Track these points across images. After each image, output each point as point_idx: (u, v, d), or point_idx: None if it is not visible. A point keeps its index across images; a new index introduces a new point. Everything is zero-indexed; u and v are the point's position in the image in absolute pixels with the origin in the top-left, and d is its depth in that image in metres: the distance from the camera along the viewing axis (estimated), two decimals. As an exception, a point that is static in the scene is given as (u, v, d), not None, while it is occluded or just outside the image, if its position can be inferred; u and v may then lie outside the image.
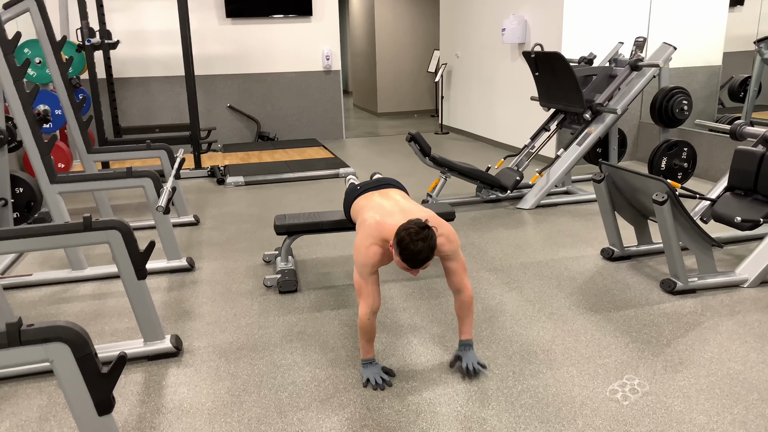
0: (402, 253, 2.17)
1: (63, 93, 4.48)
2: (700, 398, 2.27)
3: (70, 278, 3.58)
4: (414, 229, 2.15)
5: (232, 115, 8.34)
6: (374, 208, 2.47)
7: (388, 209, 2.43)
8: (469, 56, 8.31)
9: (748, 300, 3.09)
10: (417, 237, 2.14)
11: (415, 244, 2.14)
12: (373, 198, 2.58)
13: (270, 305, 3.19)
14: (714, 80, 6.20)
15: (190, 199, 5.51)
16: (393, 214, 2.38)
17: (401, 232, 2.17)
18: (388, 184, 2.72)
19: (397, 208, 2.43)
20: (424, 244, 2.14)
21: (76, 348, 1.71)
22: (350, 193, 2.76)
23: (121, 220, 2.49)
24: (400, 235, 2.17)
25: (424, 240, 2.14)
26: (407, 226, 2.18)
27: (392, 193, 2.61)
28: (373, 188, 2.68)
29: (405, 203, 2.49)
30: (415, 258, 2.16)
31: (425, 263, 2.19)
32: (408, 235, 2.15)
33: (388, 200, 2.53)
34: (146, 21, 7.75)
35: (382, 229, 2.31)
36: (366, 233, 2.34)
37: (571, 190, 5.30)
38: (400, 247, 2.17)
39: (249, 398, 2.36)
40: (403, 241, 2.15)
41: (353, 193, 2.72)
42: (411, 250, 2.14)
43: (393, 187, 2.70)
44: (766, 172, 3.23)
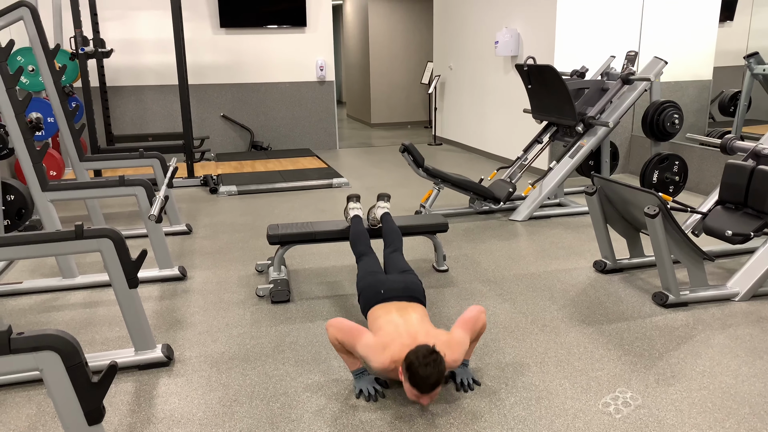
0: (411, 378, 2.14)
1: (56, 101, 4.46)
2: (692, 412, 2.27)
3: (61, 286, 3.55)
4: (422, 352, 2.14)
5: (226, 124, 8.34)
6: (392, 327, 2.40)
7: (405, 332, 2.36)
8: (463, 68, 8.36)
9: (739, 313, 3.10)
10: (425, 361, 2.12)
11: (424, 370, 2.11)
12: (391, 313, 2.50)
13: (262, 315, 3.17)
14: (704, 94, 6.27)
15: (183, 208, 5.49)
16: (410, 338, 2.33)
17: (410, 356, 2.15)
18: (411, 296, 2.64)
19: (412, 332, 2.37)
20: (432, 369, 2.12)
21: (66, 357, 1.69)
22: (372, 291, 2.67)
23: (112, 229, 2.47)
24: (409, 359, 2.15)
25: (433, 365, 2.12)
26: (416, 351, 2.16)
27: (410, 311, 2.53)
28: (395, 298, 2.60)
29: (419, 327, 2.42)
30: (425, 383, 2.13)
31: (435, 388, 2.17)
32: (416, 359, 2.13)
33: (404, 320, 2.45)
34: (140, 30, 7.75)
35: (401, 355, 2.25)
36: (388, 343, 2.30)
37: (563, 202, 5.32)
38: (409, 372, 2.14)
39: (240, 409, 2.34)
40: (412, 365, 2.13)
41: (375, 296, 2.64)
42: (420, 375, 2.12)
43: (415, 301, 2.63)
44: (756, 186, 3.26)
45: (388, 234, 3.25)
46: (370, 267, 2.87)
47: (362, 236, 3.20)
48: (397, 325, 2.41)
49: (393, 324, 2.42)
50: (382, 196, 3.58)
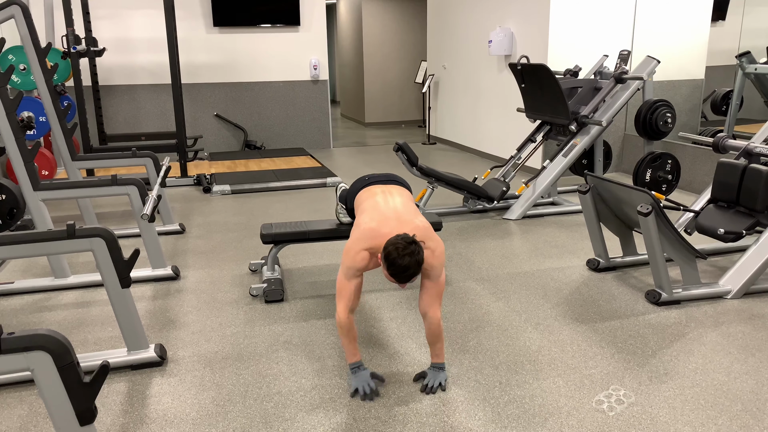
0: (389, 267, 2.19)
1: (47, 100, 4.44)
2: (685, 409, 2.28)
3: (53, 286, 3.53)
4: (401, 245, 2.17)
5: (219, 123, 8.32)
6: (372, 210, 2.47)
7: (384, 213, 2.42)
8: (456, 67, 8.37)
9: (731, 311, 3.12)
10: (404, 252, 2.16)
11: (402, 260, 2.16)
12: (376, 196, 2.57)
13: (256, 314, 3.17)
14: (697, 93, 6.29)
15: (176, 208, 5.47)
16: (388, 220, 2.37)
17: (389, 247, 2.19)
18: (394, 180, 2.73)
19: (393, 215, 2.41)
20: (410, 260, 2.16)
21: (57, 357, 1.68)
22: (356, 182, 2.76)
23: (105, 228, 2.46)
24: (388, 250, 2.19)
25: (411, 255, 2.16)
26: (395, 241, 2.19)
27: (395, 193, 2.60)
28: (379, 182, 2.68)
29: (402, 209, 2.47)
30: (401, 273, 2.18)
31: (412, 278, 2.22)
32: (395, 250, 2.17)
33: (387, 202, 2.52)
34: (133, 29, 7.72)
35: (375, 238, 2.31)
36: (359, 237, 2.35)
37: (556, 201, 5.33)
38: (387, 262, 2.19)
39: (234, 408, 2.33)
40: (390, 255, 2.17)
41: (359, 183, 2.73)
42: (398, 265, 2.16)
43: (397, 184, 2.71)
44: (748, 184, 3.28)
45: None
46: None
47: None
48: (378, 203, 2.47)
49: (374, 202, 2.49)
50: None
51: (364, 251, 2.31)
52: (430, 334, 2.40)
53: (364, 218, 2.44)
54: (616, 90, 4.97)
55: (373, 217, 2.41)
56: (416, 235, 2.27)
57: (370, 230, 2.34)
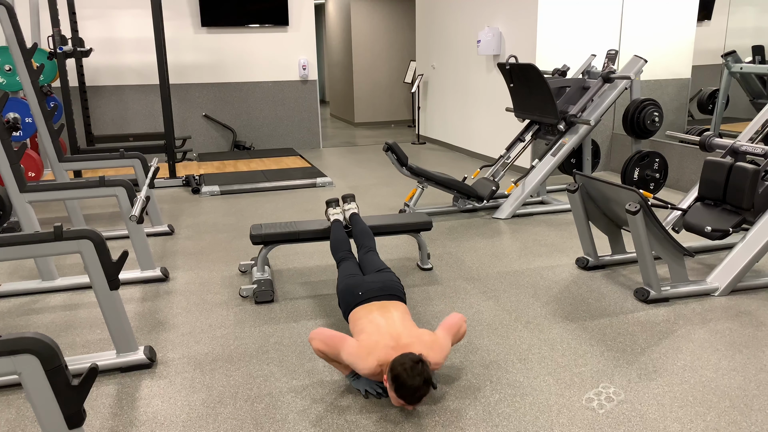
0: (399, 390, 2.14)
1: (33, 101, 4.40)
2: (674, 406, 2.29)
3: (41, 289, 3.50)
4: (408, 365, 2.13)
5: (208, 124, 8.28)
6: (374, 328, 2.39)
7: (386, 333, 2.35)
8: (445, 67, 8.38)
9: (719, 308, 3.14)
10: (413, 372, 2.12)
11: (413, 380, 2.11)
12: (372, 313, 2.49)
13: (246, 316, 3.16)
14: (683, 93, 6.35)
15: (165, 209, 5.44)
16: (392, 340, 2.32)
17: (396, 368, 2.14)
18: (390, 294, 2.63)
19: (394, 333, 2.36)
20: (420, 379, 2.12)
21: (45, 360, 1.66)
22: (352, 295, 2.65)
23: (93, 230, 2.44)
24: (396, 372, 2.14)
25: (420, 375, 2.12)
26: (402, 362, 2.15)
27: (392, 310, 2.52)
28: (375, 298, 2.60)
29: (401, 327, 2.41)
30: (413, 395, 2.15)
31: (422, 398, 2.18)
32: (404, 371, 2.12)
33: (386, 320, 2.44)
34: (120, 29, 7.66)
35: (388, 355, 2.25)
36: (371, 346, 2.28)
37: (546, 200, 5.36)
38: (396, 384, 2.14)
39: (224, 410, 2.32)
40: (399, 378, 2.12)
41: (354, 298, 2.62)
42: (408, 386, 2.12)
43: (394, 299, 2.62)
44: (734, 182, 3.31)
45: (359, 235, 3.24)
46: (348, 270, 2.86)
47: (342, 243, 3.18)
48: (379, 326, 2.39)
49: (374, 324, 2.41)
50: (346, 198, 3.55)
51: (375, 363, 2.24)
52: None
53: (370, 333, 2.37)
54: (603, 89, 5.00)
55: (374, 333, 2.36)
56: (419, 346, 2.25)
57: (385, 346, 2.28)
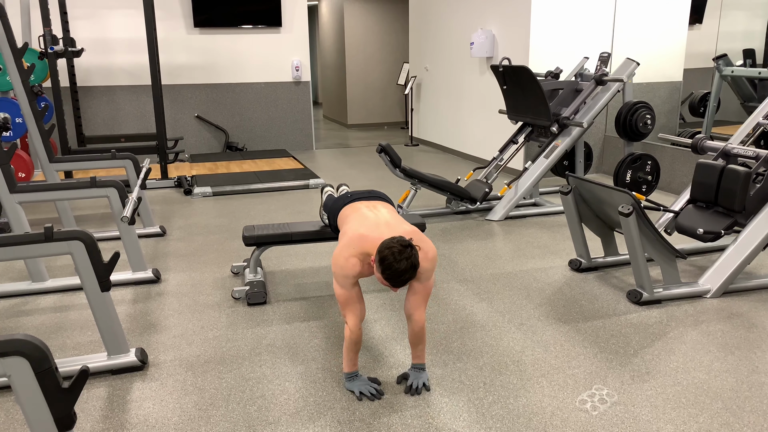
0: (384, 271, 2.13)
1: (24, 101, 4.36)
2: (667, 408, 2.30)
3: (31, 290, 3.47)
4: (397, 248, 2.11)
5: (200, 125, 8.25)
6: (359, 219, 2.42)
7: (373, 221, 2.38)
8: (438, 69, 8.39)
9: (711, 310, 3.16)
10: (400, 256, 2.10)
11: (399, 263, 2.10)
12: (360, 209, 2.52)
13: (238, 317, 3.14)
14: (675, 96, 6.38)
15: (157, 210, 5.41)
16: (377, 227, 2.33)
17: (384, 251, 2.12)
18: (377, 196, 2.68)
19: (381, 221, 2.38)
20: (407, 263, 2.11)
21: (35, 362, 1.65)
22: (339, 199, 2.69)
23: (84, 231, 2.42)
24: (383, 254, 2.12)
25: (408, 259, 2.11)
26: (390, 244, 2.13)
27: (379, 206, 2.56)
28: (362, 198, 2.63)
29: (390, 217, 2.44)
30: (398, 277, 2.13)
31: (407, 282, 2.17)
32: (391, 254, 2.10)
33: (373, 213, 2.48)
34: (112, 29, 7.62)
35: (364, 243, 2.26)
36: (346, 244, 2.29)
37: (538, 202, 5.37)
38: (382, 266, 2.13)
39: (217, 412, 2.31)
40: (386, 259, 2.11)
41: (342, 200, 2.66)
42: (394, 269, 2.11)
43: (381, 200, 2.66)
44: (726, 185, 3.32)
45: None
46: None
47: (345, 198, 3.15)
48: (366, 216, 2.40)
49: (361, 214, 2.41)
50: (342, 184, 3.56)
51: (353, 257, 2.25)
52: (413, 336, 2.39)
53: (351, 226, 2.39)
54: (596, 92, 5.01)
55: (361, 224, 2.37)
56: (411, 238, 2.23)
57: (359, 236, 2.29)
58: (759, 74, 5.60)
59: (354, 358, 2.39)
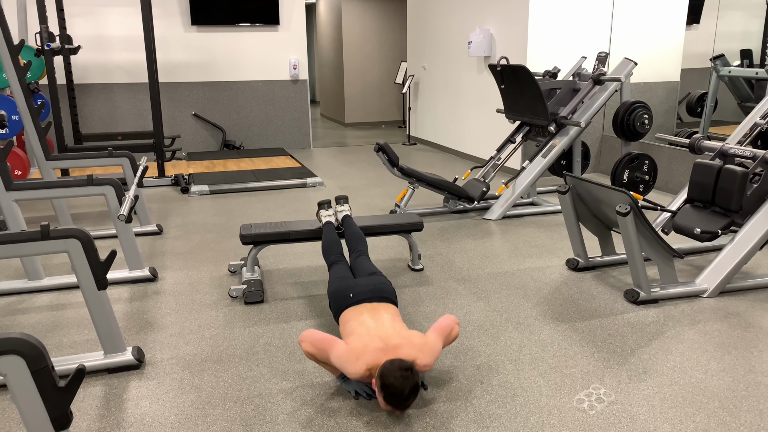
0: (387, 397, 2.15)
1: (20, 98, 4.35)
2: (664, 407, 2.30)
3: (27, 288, 3.46)
4: (398, 373, 2.13)
5: (197, 123, 8.23)
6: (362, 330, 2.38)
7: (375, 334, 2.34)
8: (436, 68, 8.39)
9: (707, 309, 3.16)
10: (402, 381, 2.12)
11: (402, 388, 2.12)
12: (363, 315, 2.48)
13: (235, 316, 3.13)
14: (672, 95, 6.39)
15: (153, 208, 5.40)
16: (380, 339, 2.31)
17: (385, 374, 2.14)
18: (381, 296, 2.62)
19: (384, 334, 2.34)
20: (408, 386, 2.13)
21: (31, 361, 1.64)
22: (342, 297, 2.63)
23: (80, 229, 2.41)
24: (384, 378, 2.14)
25: (409, 382, 2.13)
26: (391, 369, 2.14)
27: (382, 312, 2.50)
28: (366, 300, 2.58)
29: (392, 329, 2.39)
30: (401, 402, 2.15)
31: (410, 404, 2.19)
32: (393, 379, 2.12)
33: (376, 324, 2.42)
34: (109, 27, 7.60)
35: (379, 359, 2.24)
36: (360, 350, 2.26)
37: (536, 201, 5.37)
38: (384, 391, 2.14)
39: (214, 411, 2.30)
40: (388, 384, 2.13)
41: (345, 300, 2.61)
42: (397, 394, 2.13)
43: (385, 301, 2.61)
44: (723, 185, 3.33)
45: (352, 239, 3.22)
46: (340, 273, 2.85)
47: (334, 245, 3.16)
48: (369, 328, 2.38)
49: (364, 326, 2.39)
50: (339, 200, 3.54)
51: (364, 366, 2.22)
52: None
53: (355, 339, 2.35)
54: (594, 91, 5.02)
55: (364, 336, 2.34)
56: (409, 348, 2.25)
57: (378, 350, 2.26)
58: (756, 74, 5.61)
59: (327, 368, 2.40)
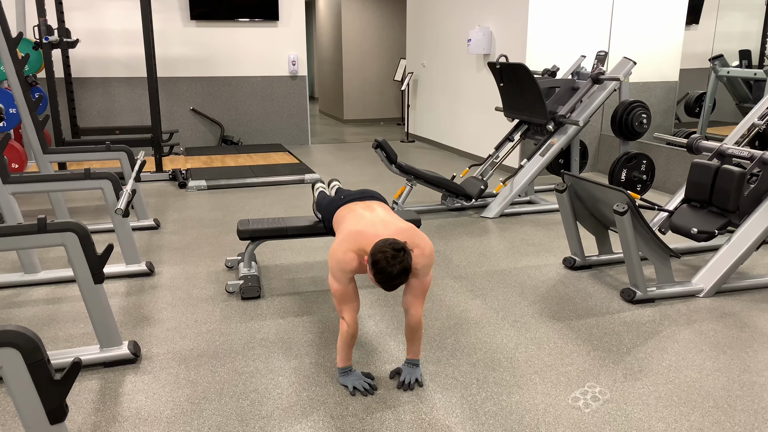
0: (377, 275, 2.15)
1: (18, 91, 4.33)
2: (659, 406, 2.31)
3: (23, 282, 3.45)
4: (390, 252, 2.12)
5: (196, 118, 8.22)
6: (355, 218, 2.44)
7: (369, 220, 2.39)
8: (435, 66, 8.38)
9: (703, 309, 3.17)
10: (393, 260, 2.12)
11: (392, 268, 2.12)
12: (356, 209, 2.54)
13: (232, 311, 3.13)
14: (671, 95, 6.40)
15: (151, 203, 5.39)
16: (374, 224, 2.35)
17: (377, 254, 2.14)
18: (372, 196, 2.68)
19: (378, 219, 2.39)
20: (399, 267, 2.12)
21: (27, 354, 1.64)
22: (333, 201, 2.69)
23: (77, 222, 2.41)
24: (376, 257, 2.14)
25: (400, 263, 2.12)
26: (383, 248, 2.14)
27: (375, 205, 2.57)
28: (357, 199, 2.63)
29: (386, 215, 2.45)
30: (390, 281, 2.15)
31: (399, 285, 2.19)
32: (384, 258, 2.12)
33: (369, 212, 2.49)
34: (107, 20, 7.58)
35: (362, 239, 2.26)
36: (343, 239, 2.30)
37: (534, 199, 5.37)
38: (375, 269, 2.15)
39: (209, 406, 2.30)
40: (379, 263, 2.13)
41: (336, 202, 2.67)
42: (387, 273, 2.12)
43: (375, 200, 2.66)
44: (720, 185, 3.33)
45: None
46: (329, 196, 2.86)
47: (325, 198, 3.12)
48: (362, 215, 2.42)
49: (357, 214, 2.43)
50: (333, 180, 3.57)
51: (350, 252, 2.25)
52: (409, 331, 2.40)
53: (348, 224, 2.40)
54: (593, 90, 5.02)
55: (358, 222, 2.38)
56: (404, 238, 2.24)
57: (357, 232, 2.30)
58: (754, 75, 5.62)
59: (348, 353, 2.39)
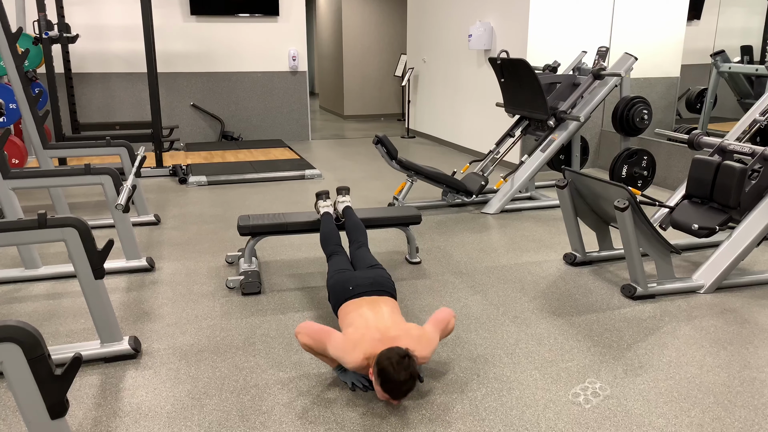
0: (384, 384, 2.13)
1: (18, 86, 4.32)
2: (659, 402, 2.31)
3: (23, 277, 3.45)
4: (395, 359, 2.12)
5: (196, 113, 8.21)
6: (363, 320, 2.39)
7: (374, 325, 2.35)
8: (436, 61, 8.36)
9: (704, 305, 3.17)
10: (399, 367, 2.10)
11: (398, 375, 2.10)
12: (362, 308, 2.48)
13: (232, 307, 3.13)
14: (672, 91, 6.38)
15: (151, 198, 5.38)
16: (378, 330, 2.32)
17: (383, 362, 2.12)
18: (380, 290, 2.62)
19: (382, 326, 2.35)
20: (406, 374, 2.12)
21: (27, 349, 1.64)
22: (342, 290, 2.63)
23: (78, 218, 2.40)
24: (382, 365, 2.12)
25: (406, 369, 2.11)
26: (388, 356, 2.13)
27: (381, 305, 2.51)
28: (365, 293, 2.58)
29: (390, 322, 2.40)
30: (398, 390, 2.14)
31: (408, 393, 2.18)
32: (390, 366, 2.11)
33: (375, 316, 2.43)
34: (107, 15, 7.56)
35: (376, 348, 2.23)
36: (358, 339, 2.26)
37: (534, 195, 5.37)
38: (381, 378, 2.13)
39: (210, 401, 2.30)
40: (385, 371, 2.11)
41: (345, 292, 2.61)
42: (394, 381, 2.11)
43: (385, 294, 2.61)
44: (721, 181, 3.33)
45: (352, 230, 3.22)
46: (339, 265, 2.85)
47: (332, 236, 3.16)
48: (367, 319, 2.39)
49: (363, 318, 2.40)
50: (341, 190, 3.54)
51: (362, 356, 2.22)
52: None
53: (357, 325, 2.37)
54: (594, 86, 5.01)
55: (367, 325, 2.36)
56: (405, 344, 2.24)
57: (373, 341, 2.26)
58: (756, 71, 5.60)
59: (324, 360, 2.41)
